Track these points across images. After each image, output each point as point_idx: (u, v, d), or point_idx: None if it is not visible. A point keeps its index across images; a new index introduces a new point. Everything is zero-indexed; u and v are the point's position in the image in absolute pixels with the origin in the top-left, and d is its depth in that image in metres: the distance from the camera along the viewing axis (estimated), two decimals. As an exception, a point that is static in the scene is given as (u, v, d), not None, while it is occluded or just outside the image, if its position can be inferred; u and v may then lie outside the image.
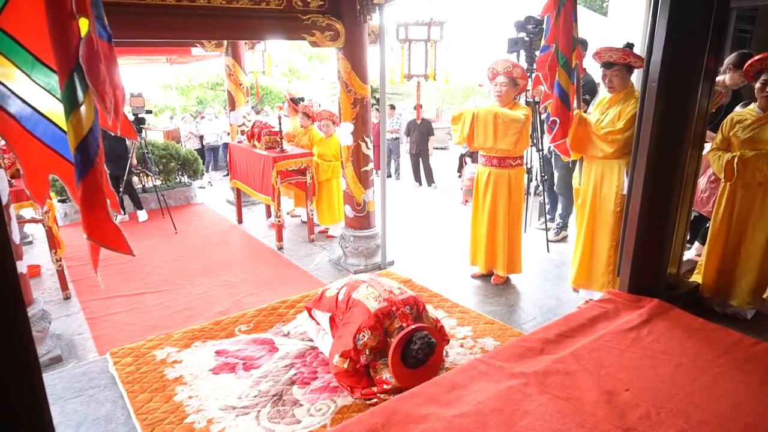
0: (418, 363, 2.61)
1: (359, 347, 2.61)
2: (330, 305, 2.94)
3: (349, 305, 2.79)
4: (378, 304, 2.68)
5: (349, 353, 2.62)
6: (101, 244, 1.65)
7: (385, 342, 2.67)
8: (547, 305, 3.80)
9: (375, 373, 2.69)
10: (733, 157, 3.07)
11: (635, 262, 2.85)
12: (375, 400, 2.59)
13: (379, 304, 2.68)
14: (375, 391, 2.63)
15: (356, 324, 2.65)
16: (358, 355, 2.63)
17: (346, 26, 4.11)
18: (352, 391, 2.67)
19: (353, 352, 2.62)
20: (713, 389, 2.00)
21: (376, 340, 2.64)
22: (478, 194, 4.10)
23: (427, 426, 1.80)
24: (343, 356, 2.64)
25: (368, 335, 2.61)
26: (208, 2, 3.63)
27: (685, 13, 2.53)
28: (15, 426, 1.13)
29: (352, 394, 2.67)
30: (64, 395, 2.77)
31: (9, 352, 1.10)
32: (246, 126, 6.54)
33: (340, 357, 2.64)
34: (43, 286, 4.40)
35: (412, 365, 2.61)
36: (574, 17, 3.19)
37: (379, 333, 2.65)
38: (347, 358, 2.63)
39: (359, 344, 2.61)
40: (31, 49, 1.48)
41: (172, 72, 13.81)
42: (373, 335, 2.62)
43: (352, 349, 2.61)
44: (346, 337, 2.66)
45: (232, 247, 5.44)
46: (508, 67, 3.80)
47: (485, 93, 15.57)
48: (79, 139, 1.46)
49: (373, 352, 2.68)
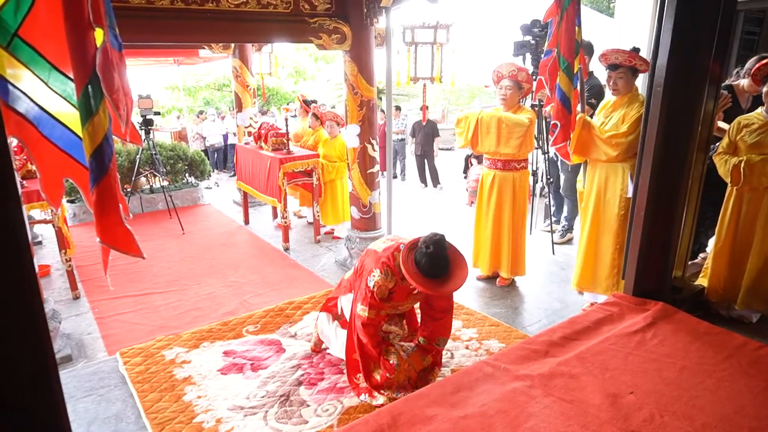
0: (433, 263, 2.44)
1: (373, 288, 2.57)
2: (350, 282, 2.91)
3: (362, 262, 2.78)
4: (384, 245, 2.69)
5: (368, 299, 2.59)
6: (113, 247, 1.69)
7: (400, 285, 2.61)
8: (552, 308, 3.82)
9: (386, 355, 2.70)
10: (740, 161, 3.07)
11: (640, 265, 2.86)
12: (379, 399, 2.63)
13: (386, 244, 2.68)
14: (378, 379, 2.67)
15: (369, 269, 2.64)
16: (376, 299, 2.58)
17: (352, 29, 4.14)
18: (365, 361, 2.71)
19: (370, 297, 2.58)
20: (717, 393, 2.01)
21: (390, 280, 2.57)
22: (482, 197, 4.12)
23: (433, 427, 1.82)
24: (363, 303, 2.63)
25: (378, 274, 2.56)
26: (216, 6, 3.67)
27: (691, 17, 2.54)
28: (34, 424, 1.16)
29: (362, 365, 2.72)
30: (75, 394, 2.81)
31: (28, 351, 1.14)
32: (253, 127, 6.59)
33: (362, 305, 2.63)
34: (53, 285, 4.46)
35: (428, 269, 2.44)
36: (577, 22, 3.20)
37: (390, 270, 2.57)
38: (368, 305, 2.60)
39: (371, 285, 2.57)
40: (48, 58, 1.52)
41: (179, 73, 13.88)
42: (383, 273, 2.56)
43: (369, 294, 2.58)
44: (363, 284, 2.65)
45: (238, 248, 5.49)
46: (513, 71, 3.81)
47: (491, 94, 15.56)
48: (95, 145, 1.50)
49: (393, 303, 2.66)
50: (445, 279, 2.49)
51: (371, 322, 2.64)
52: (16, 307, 1.11)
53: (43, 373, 1.17)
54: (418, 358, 2.76)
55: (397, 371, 2.66)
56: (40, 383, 1.17)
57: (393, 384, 2.68)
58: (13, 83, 1.51)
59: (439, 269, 2.47)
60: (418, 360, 2.76)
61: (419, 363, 2.76)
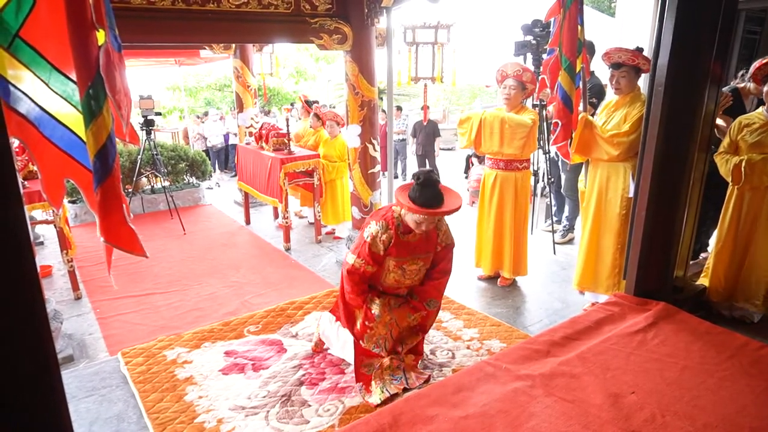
0: (425, 189, 2.47)
1: (367, 239, 2.59)
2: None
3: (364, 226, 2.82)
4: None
5: (359, 248, 2.62)
6: (117, 246, 1.69)
7: (398, 239, 2.62)
8: (553, 307, 3.82)
9: (369, 304, 2.72)
10: (741, 160, 3.07)
11: (641, 265, 2.86)
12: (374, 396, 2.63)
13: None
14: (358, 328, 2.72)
15: (367, 223, 2.70)
16: (367, 250, 2.59)
17: (353, 29, 4.14)
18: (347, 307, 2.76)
19: (362, 246, 2.61)
20: (719, 392, 2.01)
21: (385, 233, 2.59)
22: (484, 197, 4.12)
23: (434, 427, 1.83)
24: (354, 252, 2.66)
25: (374, 226, 2.61)
26: (217, 6, 3.68)
27: (692, 16, 2.54)
28: (36, 424, 1.16)
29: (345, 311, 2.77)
30: (77, 394, 2.82)
31: (30, 351, 1.14)
32: (254, 128, 6.60)
33: (352, 253, 2.66)
34: (55, 286, 4.46)
35: (421, 195, 2.47)
36: (579, 21, 3.21)
37: (386, 224, 2.60)
38: (357, 255, 2.64)
39: (366, 235, 2.60)
40: (49, 59, 1.52)
41: (181, 73, 13.91)
42: (378, 225, 2.60)
43: (363, 243, 2.61)
44: (359, 236, 2.69)
45: (239, 248, 5.49)
46: (518, 71, 3.81)
47: (492, 94, 15.56)
48: (99, 146, 1.50)
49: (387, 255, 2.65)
50: (439, 202, 2.51)
51: (356, 270, 2.65)
52: (18, 308, 1.11)
53: (45, 373, 1.17)
54: (404, 313, 2.75)
55: (377, 321, 2.66)
56: (41, 383, 1.17)
57: (373, 336, 2.69)
58: (14, 84, 1.51)
59: (431, 193, 2.50)
60: (404, 315, 2.75)
61: (404, 319, 2.74)
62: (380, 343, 2.72)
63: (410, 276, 2.79)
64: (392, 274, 2.73)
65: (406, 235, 2.65)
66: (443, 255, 2.84)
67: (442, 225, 2.80)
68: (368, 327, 2.66)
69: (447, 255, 2.85)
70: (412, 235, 2.66)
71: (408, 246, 2.67)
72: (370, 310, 2.68)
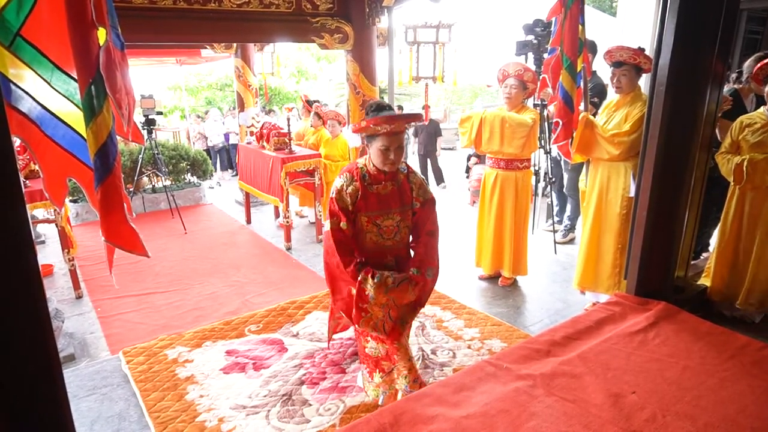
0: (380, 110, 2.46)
1: (333, 195, 2.49)
2: None
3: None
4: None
5: (328, 208, 2.51)
6: (118, 245, 1.69)
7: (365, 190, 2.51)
8: (554, 307, 3.82)
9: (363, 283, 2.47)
10: (743, 160, 3.07)
11: (642, 264, 2.85)
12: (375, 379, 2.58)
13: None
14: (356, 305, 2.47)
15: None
16: (337, 205, 2.48)
17: (354, 29, 4.15)
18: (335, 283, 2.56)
19: (331, 204, 2.49)
20: (720, 393, 2.00)
21: (350, 184, 2.49)
22: (484, 196, 4.12)
23: (435, 427, 1.82)
24: (327, 217, 2.53)
25: (337, 180, 2.52)
26: (218, 6, 3.68)
27: (694, 16, 2.54)
28: (38, 422, 1.17)
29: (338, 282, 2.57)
30: (78, 393, 2.82)
31: (32, 350, 1.15)
32: (255, 127, 6.60)
33: (326, 220, 2.54)
34: (56, 285, 4.47)
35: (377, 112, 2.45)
36: (580, 20, 3.21)
37: (350, 175, 2.51)
38: (329, 214, 2.51)
39: (332, 193, 2.50)
40: (51, 57, 1.52)
41: (182, 73, 13.91)
42: (342, 177, 2.50)
43: (330, 201, 2.50)
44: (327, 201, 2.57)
45: (240, 248, 5.49)
46: (519, 71, 3.81)
47: (493, 94, 15.55)
48: (99, 144, 1.50)
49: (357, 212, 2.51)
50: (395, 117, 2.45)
51: (334, 231, 2.48)
52: (19, 307, 1.12)
53: (47, 372, 1.18)
54: (404, 291, 2.51)
55: (372, 303, 2.45)
56: (43, 382, 1.18)
57: (370, 321, 2.49)
58: (15, 83, 1.52)
59: (387, 111, 2.47)
60: (404, 293, 2.51)
61: (404, 295, 2.51)
62: (378, 326, 2.51)
63: (388, 235, 2.59)
64: (368, 234, 2.56)
65: (373, 186, 2.50)
66: (426, 214, 2.64)
67: (414, 178, 2.64)
68: (362, 310, 2.45)
69: (430, 214, 2.65)
70: (382, 186, 2.52)
71: (378, 198, 2.52)
72: (364, 290, 2.45)
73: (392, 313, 2.52)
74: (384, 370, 2.59)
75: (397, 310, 2.53)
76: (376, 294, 2.44)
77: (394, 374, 2.57)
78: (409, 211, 2.63)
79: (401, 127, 2.44)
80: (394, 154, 2.43)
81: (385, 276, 2.46)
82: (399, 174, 2.59)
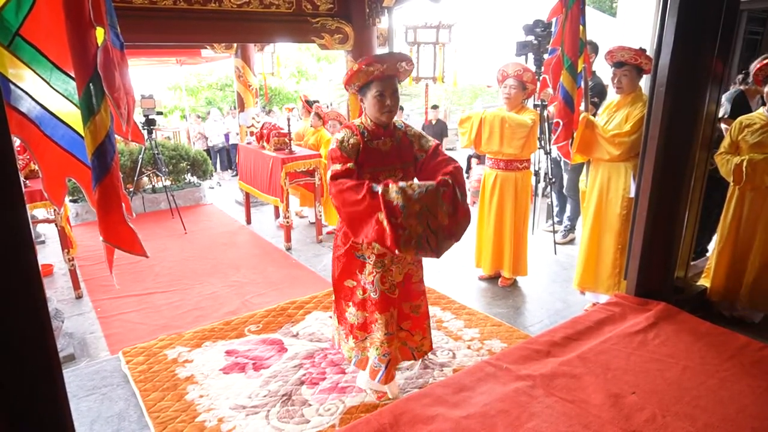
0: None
1: (335, 146, 2.38)
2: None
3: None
4: None
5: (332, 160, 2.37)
6: (117, 246, 1.69)
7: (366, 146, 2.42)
8: (554, 308, 3.81)
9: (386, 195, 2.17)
10: (742, 160, 3.07)
11: (642, 265, 2.85)
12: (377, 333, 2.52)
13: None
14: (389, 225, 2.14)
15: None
16: (341, 151, 2.35)
17: (355, 29, 4.15)
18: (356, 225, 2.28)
19: (334, 153, 2.37)
20: (720, 393, 2.01)
21: (352, 137, 2.40)
22: (484, 197, 4.11)
23: (435, 427, 1.83)
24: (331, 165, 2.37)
25: (338, 134, 2.43)
26: (219, 6, 3.68)
27: (694, 16, 2.54)
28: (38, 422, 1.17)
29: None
30: (78, 393, 2.82)
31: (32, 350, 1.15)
32: (255, 127, 6.60)
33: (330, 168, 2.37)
34: (56, 285, 4.47)
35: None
36: (581, 21, 3.22)
37: (350, 130, 2.42)
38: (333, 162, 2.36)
39: (333, 146, 2.39)
40: (50, 57, 1.52)
41: (182, 73, 13.91)
42: (342, 132, 2.42)
43: (333, 151, 2.38)
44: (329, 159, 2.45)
45: (240, 248, 5.49)
46: (518, 71, 3.81)
47: (493, 94, 15.55)
48: (97, 144, 1.51)
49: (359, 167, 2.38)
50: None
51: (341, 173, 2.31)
52: (20, 306, 1.12)
53: (47, 371, 1.18)
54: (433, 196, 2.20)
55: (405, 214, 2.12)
56: (43, 382, 1.18)
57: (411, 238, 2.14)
58: (15, 83, 1.52)
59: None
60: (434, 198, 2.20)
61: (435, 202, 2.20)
62: (423, 244, 2.18)
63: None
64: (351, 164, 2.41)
65: (374, 142, 2.44)
66: (436, 158, 2.49)
67: (412, 131, 2.57)
68: (398, 226, 2.12)
69: (439, 153, 2.51)
70: (382, 142, 2.47)
71: (379, 153, 2.46)
72: (391, 202, 2.13)
73: (432, 224, 2.21)
74: (357, 338, 2.64)
75: (437, 222, 2.22)
76: (405, 201, 2.14)
77: (367, 343, 2.63)
78: (411, 167, 2.56)
79: (393, 67, 2.40)
80: (390, 99, 2.38)
81: (408, 184, 2.20)
82: (397, 131, 2.54)
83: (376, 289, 2.50)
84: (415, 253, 2.24)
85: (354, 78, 2.40)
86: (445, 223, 2.25)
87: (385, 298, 2.51)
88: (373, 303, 2.53)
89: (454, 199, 2.29)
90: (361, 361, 2.67)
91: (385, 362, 2.55)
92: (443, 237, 2.25)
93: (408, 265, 2.61)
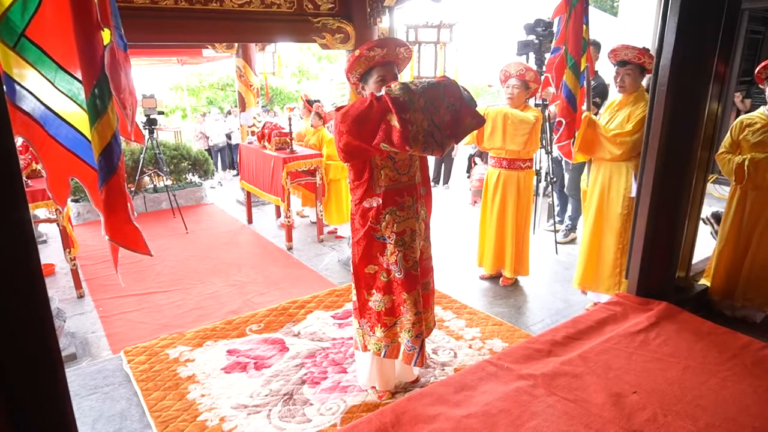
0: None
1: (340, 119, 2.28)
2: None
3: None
4: None
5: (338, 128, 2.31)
6: (122, 245, 1.70)
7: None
8: (555, 307, 3.82)
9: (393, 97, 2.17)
10: (744, 159, 3.07)
11: (644, 264, 2.85)
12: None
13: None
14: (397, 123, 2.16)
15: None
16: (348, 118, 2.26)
17: (356, 28, 4.14)
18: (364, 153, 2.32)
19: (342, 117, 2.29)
20: (721, 392, 2.01)
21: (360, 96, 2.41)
22: (486, 196, 4.12)
23: (436, 426, 1.83)
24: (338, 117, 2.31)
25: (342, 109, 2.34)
26: (220, 5, 3.68)
27: (695, 15, 2.54)
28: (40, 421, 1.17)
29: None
30: (79, 392, 2.83)
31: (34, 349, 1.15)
32: (256, 127, 6.61)
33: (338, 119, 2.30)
34: (57, 284, 4.48)
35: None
36: (584, 19, 3.21)
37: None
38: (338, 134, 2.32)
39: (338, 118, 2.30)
40: (55, 58, 1.53)
41: (183, 73, 13.93)
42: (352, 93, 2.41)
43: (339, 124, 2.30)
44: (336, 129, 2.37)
45: (242, 247, 5.50)
46: (521, 70, 3.81)
47: (494, 93, 15.54)
48: (104, 145, 1.51)
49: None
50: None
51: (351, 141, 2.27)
52: (22, 306, 1.12)
53: (49, 371, 1.18)
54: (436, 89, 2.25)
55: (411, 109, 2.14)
56: (45, 381, 1.18)
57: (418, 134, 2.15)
58: (19, 82, 1.52)
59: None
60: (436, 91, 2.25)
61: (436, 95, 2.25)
62: (429, 140, 2.19)
63: (403, 169, 2.49)
64: (384, 170, 2.45)
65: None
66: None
67: None
68: (407, 122, 2.12)
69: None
70: None
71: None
72: (398, 98, 2.13)
73: (435, 118, 2.23)
74: (386, 325, 2.55)
75: (440, 118, 2.25)
76: (410, 96, 2.16)
77: (397, 328, 2.56)
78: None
79: (393, 53, 2.40)
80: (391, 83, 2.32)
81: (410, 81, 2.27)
82: None
83: (401, 269, 2.47)
84: (422, 150, 2.21)
85: (356, 64, 2.41)
86: (447, 119, 2.27)
87: (410, 277, 2.49)
88: (399, 283, 2.49)
89: (459, 98, 2.31)
90: (392, 350, 2.57)
91: (419, 343, 2.51)
92: (446, 135, 2.27)
93: (421, 240, 2.63)
